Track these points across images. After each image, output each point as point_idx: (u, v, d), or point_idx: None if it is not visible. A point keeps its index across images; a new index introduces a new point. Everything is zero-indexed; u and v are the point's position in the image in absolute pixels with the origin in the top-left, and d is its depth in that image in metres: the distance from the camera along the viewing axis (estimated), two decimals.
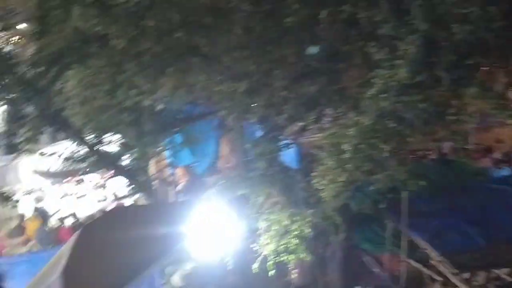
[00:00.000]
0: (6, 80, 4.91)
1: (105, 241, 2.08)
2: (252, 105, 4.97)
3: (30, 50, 5.48)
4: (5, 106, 5.42)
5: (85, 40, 5.12)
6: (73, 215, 9.93)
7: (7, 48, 5.50)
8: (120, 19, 4.47)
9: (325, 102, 4.69)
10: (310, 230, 5.49)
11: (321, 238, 6.10)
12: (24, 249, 9.27)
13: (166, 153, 8.42)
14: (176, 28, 4.74)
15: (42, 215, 9.96)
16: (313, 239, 5.78)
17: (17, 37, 6.23)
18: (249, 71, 4.83)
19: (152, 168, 8.06)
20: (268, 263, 5.63)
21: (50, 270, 2.00)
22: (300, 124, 5.39)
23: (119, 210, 2.93)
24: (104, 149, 5.94)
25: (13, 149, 5.15)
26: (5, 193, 5.81)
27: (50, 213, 10.20)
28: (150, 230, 2.27)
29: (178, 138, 7.70)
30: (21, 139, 5.13)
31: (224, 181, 6.27)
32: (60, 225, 9.76)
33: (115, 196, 10.10)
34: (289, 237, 5.57)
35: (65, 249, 2.00)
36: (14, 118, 5.09)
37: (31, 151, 5.72)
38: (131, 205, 4.47)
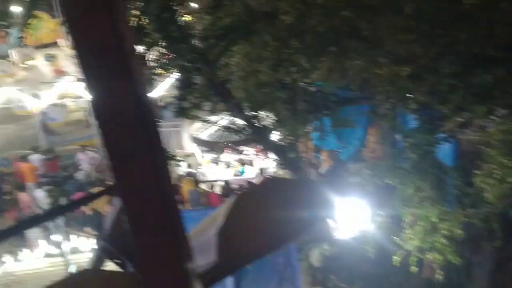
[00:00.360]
0: (182, 46, 5.36)
1: (257, 209, 2.18)
2: (414, 91, 4.72)
3: (202, 24, 5.90)
4: (177, 75, 5.96)
5: (253, 17, 5.36)
6: (223, 182, 10.62)
7: (182, 21, 5.97)
8: None
9: (500, 95, 4.24)
10: (461, 231, 5.10)
11: (472, 242, 5.63)
12: None
13: (314, 136, 8.48)
14: (342, 7, 4.70)
15: (195, 178, 10.84)
16: (462, 242, 5.37)
17: (190, 13, 6.73)
18: (414, 55, 4.58)
19: (300, 148, 8.19)
20: (410, 258, 5.39)
21: (206, 226, 2.17)
22: (465, 117, 4.96)
23: (272, 182, 3.03)
24: (259, 124, 6.18)
25: (181, 113, 5.65)
26: (169, 152, 6.39)
27: (202, 178, 11.04)
28: (296, 205, 2.31)
29: (327, 121, 7.69)
30: (189, 105, 5.59)
31: (371, 169, 6.10)
32: (210, 190, 10.53)
33: (262, 170, 10.54)
34: (436, 235, 5.25)
35: (222, 210, 2.14)
36: (185, 85, 5.57)
37: (195, 118, 6.21)
38: (282, 179, 4.64)
